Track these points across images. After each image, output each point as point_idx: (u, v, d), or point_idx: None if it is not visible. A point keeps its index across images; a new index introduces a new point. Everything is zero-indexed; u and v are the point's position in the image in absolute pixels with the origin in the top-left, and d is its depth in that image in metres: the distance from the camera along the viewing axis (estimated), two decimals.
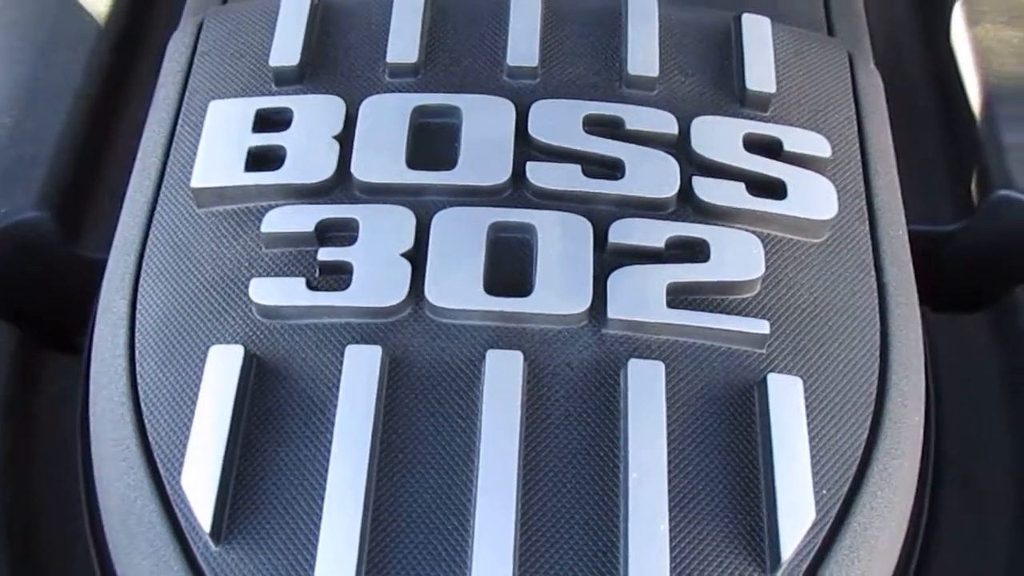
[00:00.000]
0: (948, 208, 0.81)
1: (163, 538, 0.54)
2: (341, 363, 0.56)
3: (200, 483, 0.53)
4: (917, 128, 0.84)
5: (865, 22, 0.82)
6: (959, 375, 0.73)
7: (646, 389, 0.56)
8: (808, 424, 0.56)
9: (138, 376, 0.60)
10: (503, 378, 0.55)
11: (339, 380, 0.56)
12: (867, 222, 0.66)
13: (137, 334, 0.61)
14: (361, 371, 0.56)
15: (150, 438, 0.57)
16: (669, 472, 0.54)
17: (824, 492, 0.56)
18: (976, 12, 0.87)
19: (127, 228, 0.66)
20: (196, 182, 0.63)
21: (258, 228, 0.61)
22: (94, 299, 0.68)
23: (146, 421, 0.58)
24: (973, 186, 0.80)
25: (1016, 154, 0.79)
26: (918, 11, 0.93)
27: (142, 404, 0.58)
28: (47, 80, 0.81)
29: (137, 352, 0.60)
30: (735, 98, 0.67)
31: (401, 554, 0.52)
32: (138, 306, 0.62)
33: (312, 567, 0.51)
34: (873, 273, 0.64)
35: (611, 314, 0.58)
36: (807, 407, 0.57)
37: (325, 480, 0.53)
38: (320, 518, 0.52)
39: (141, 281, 0.63)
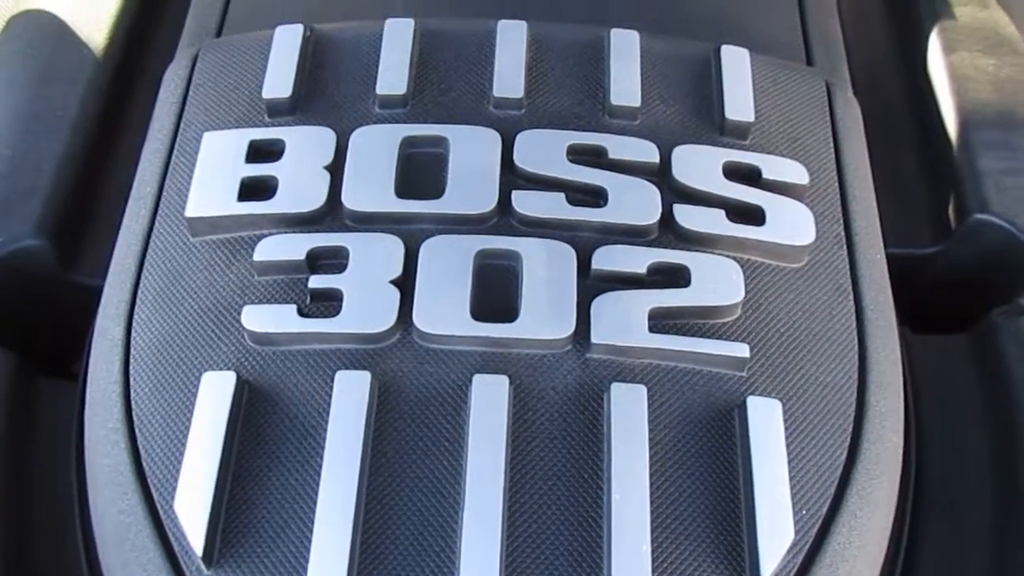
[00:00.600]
0: (927, 232, 0.83)
1: (156, 563, 0.55)
2: (331, 389, 0.58)
3: (193, 507, 0.55)
4: (896, 153, 0.86)
5: (843, 51, 0.84)
6: (939, 396, 0.75)
7: (628, 412, 0.57)
8: (787, 445, 0.58)
9: (132, 402, 0.61)
10: (489, 402, 0.57)
11: (329, 405, 0.57)
12: (845, 246, 0.68)
13: (132, 360, 0.63)
14: (350, 396, 0.57)
15: (144, 463, 0.58)
16: (651, 493, 0.55)
17: (803, 512, 0.57)
18: (952, 40, 0.90)
19: (122, 256, 0.67)
20: (191, 211, 0.65)
21: (251, 256, 0.63)
22: (90, 325, 0.69)
23: (140, 447, 0.59)
24: (951, 210, 0.82)
25: (992, 179, 0.80)
26: (896, 39, 0.95)
27: (136, 430, 0.60)
28: (45, 110, 0.82)
29: (131, 378, 0.62)
30: (715, 127, 0.69)
31: None
32: (133, 332, 0.64)
33: None
34: (851, 296, 0.66)
35: (594, 339, 0.59)
36: (786, 428, 0.58)
37: (315, 504, 0.54)
38: (310, 541, 0.54)
39: (136, 308, 0.64)
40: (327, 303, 0.61)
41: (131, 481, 0.58)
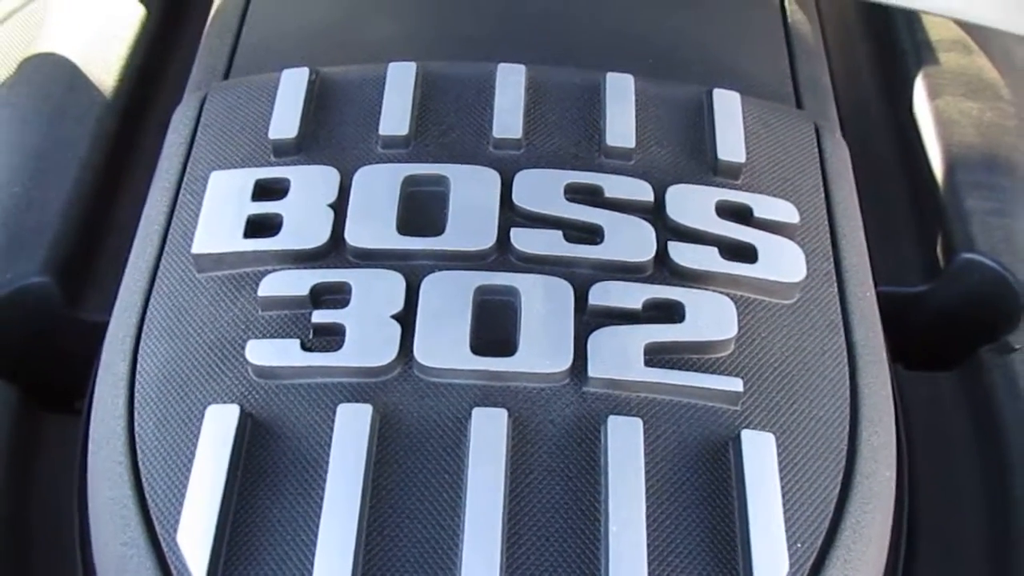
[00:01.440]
0: (916, 271, 0.85)
1: None
2: (333, 421, 0.59)
3: (195, 539, 0.55)
4: (884, 195, 0.89)
5: (832, 95, 0.87)
6: (931, 432, 0.76)
7: (625, 445, 0.58)
8: (781, 479, 0.59)
9: (136, 435, 0.62)
10: (488, 435, 0.58)
11: (331, 438, 0.58)
12: (835, 284, 0.70)
13: (136, 394, 0.64)
14: (352, 429, 0.58)
15: (147, 496, 0.59)
16: (648, 526, 0.56)
17: (799, 546, 0.58)
18: (937, 85, 0.92)
19: (129, 292, 0.69)
20: (197, 248, 0.66)
21: (255, 292, 0.64)
22: (95, 361, 0.70)
23: (143, 479, 0.60)
24: (939, 249, 0.84)
25: (978, 218, 0.82)
26: (883, 84, 0.98)
27: (139, 463, 0.61)
28: (55, 150, 0.84)
29: (136, 412, 0.63)
30: (708, 167, 0.71)
31: None
32: (138, 366, 0.65)
33: None
34: (842, 332, 0.68)
35: (591, 372, 0.60)
36: (780, 462, 0.59)
37: (316, 536, 0.55)
38: (312, 573, 0.54)
39: (141, 342, 0.66)
40: (329, 337, 0.62)
41: (134, 513, 0.59)
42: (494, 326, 0.62)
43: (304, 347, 0.62)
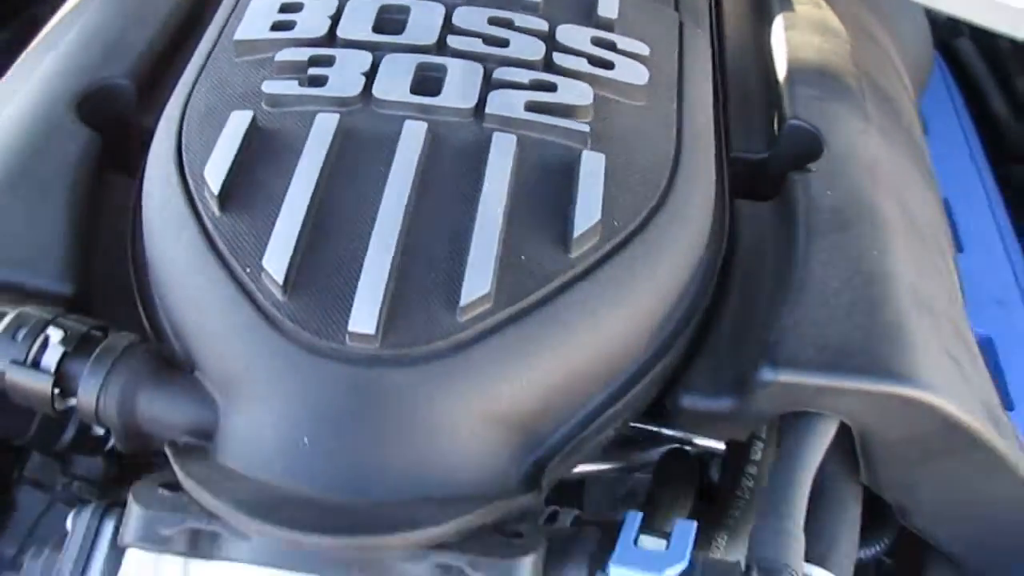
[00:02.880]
0: (762, 140, 1.15)
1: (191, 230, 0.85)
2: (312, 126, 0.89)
3: (212, 174, 0.85)
4: (743, 87, 1.20)
5: (707, 17, 1.19)
6: (746, 226, 1.03)
7: (502, 151, 0.88)
8: (606, 184, 0.87)
9: (183, 144, 0.92)
10: (412, 135, 0.88)
11: (308, 134, 0.88)
12: (675, 101, 1.00)
13: (184, 127, 0.94)
14: (322, 130, 0.88)
15: (186, 170, 0.89)
16: (508, 203, 0.84)
17: (616, 223, 0.86)
18: (791, 24, 1.25)
19: (186, 75, 1.00)
20: (237, 36, 0.99)
21: (273, 63, 0.96)
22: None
23: (185, 162, 0.90)
24: (775, 123, 1.14)
25: (804, 100, 1.12)
26: (751, 24, 1.30)
27: (183, 152, 0.91)
28: None
29: (183, 137, 0.92)
30: (591, 20, 1.03)
31: (319, 258, 0.80)
32: (186, 113, 0.95)
33: (266, 246, 0.80)
34: (675, 127, 0.97)
35: (488, 111, 0.91)
36: (607, 175, 0.88)
37: (285, 196, 0.83)
38: (275, 223, 0.81)
39: (191, 99, 0.96)
40: (319, 81, 0.93)
41: (178, 187, 0.88)
42: (429, 83, 0.93)
43: (300, 85, 0.93)
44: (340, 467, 0.74)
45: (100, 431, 1.01)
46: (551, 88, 0.94)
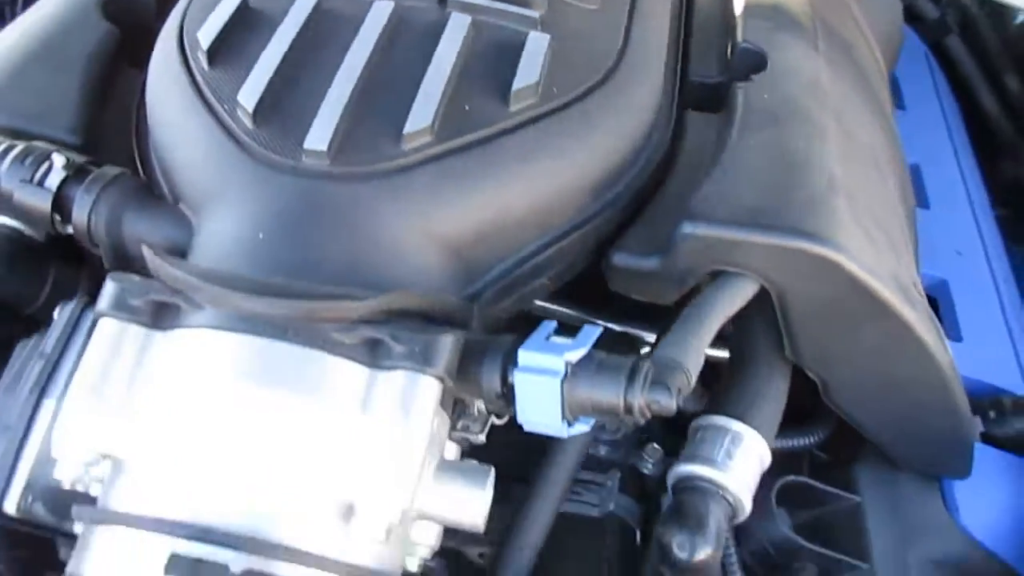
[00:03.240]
0: (718, 67, 1.25)
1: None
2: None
3: (204, 34, 0.98)
4: (705, 31, 1.30)
5: None
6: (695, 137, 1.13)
7: (457, 26, 0.99)
8: (551, 61, 0.98)
9: (185, 21, 1.05)
10: (378, 12, 1.00)
11: (289, 10, 1.01)
12: (627, 11, 1.11)
13: (188, 10, 1.07)
14: (300, 6, 1.00)
15: (185, 39, 1.02)
16: (458, 63, 0.95)
17: (555, 91, 0.97)
18: None
19: None
20: None
21: None
22: None
23: (184, 33, 1.03)
24: (728, 50, 1.24)
25: (753, 32, 1.23)
26: None
27: (184, 26, 1.04)
28: None
29: (187, 14, 1.06)
30: None
31: (287, 93, 0.92)
32: (190, 4, 1.09)
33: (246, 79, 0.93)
34: (624, 29, 1.08)
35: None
36: (552, 54, 0.99)
37: (262, 53, 0.96)
38: (258, 60, 0.94)
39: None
40: None
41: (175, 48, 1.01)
42: None
43: None
44: (287, 256, 0.84)
45: None
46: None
